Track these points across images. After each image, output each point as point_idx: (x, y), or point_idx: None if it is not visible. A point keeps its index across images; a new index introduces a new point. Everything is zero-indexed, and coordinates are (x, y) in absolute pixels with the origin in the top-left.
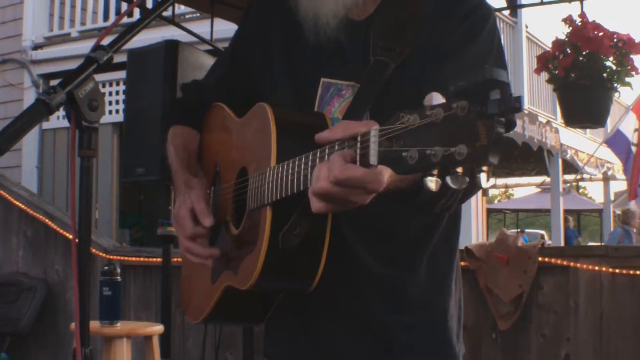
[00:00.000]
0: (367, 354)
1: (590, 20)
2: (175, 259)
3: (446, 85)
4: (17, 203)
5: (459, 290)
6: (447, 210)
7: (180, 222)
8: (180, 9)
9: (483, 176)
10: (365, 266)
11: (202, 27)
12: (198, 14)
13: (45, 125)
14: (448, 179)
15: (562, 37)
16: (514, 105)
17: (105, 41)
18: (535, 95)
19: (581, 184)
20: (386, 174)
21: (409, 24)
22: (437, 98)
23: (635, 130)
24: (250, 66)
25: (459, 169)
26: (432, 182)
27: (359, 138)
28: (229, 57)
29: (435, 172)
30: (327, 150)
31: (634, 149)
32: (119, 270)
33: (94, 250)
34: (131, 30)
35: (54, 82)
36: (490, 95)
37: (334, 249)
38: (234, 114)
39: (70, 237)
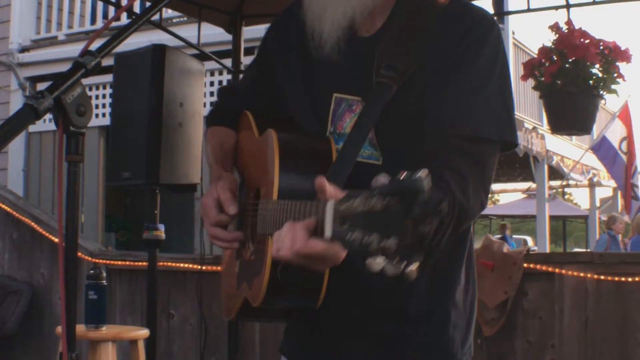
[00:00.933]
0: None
1: (577, 27)
2: (161, 263)
3: (438, 117)
4: (3, 206)
5: (470, 299)
6: (436, 246)
7: (205, 210)
8: (168, 13)
9: (414, 267)
10: (368, 279)
11: (189, 32)
12: (185, 19)
13: (32, 128)
14: (386, 266)
15: (549, 44)
16: (435, 211)
17: (94, 45)
18: (522, 101)
19: (567, 190)
20: (342, 250)
21: (414, 42)
22: (382, 180)
23: (624, 139)
24: (273, 78)
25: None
26: (373, 264)
27: (319, 209)
28: (256, 64)
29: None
30: (308, 207)
31: (624, 157)
32: (104, 274)
33: (79, 254)
34: (119, 35)
35: (41, 85)
36: (417, 197)
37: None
38: (257, 128)
39: (57, 240)
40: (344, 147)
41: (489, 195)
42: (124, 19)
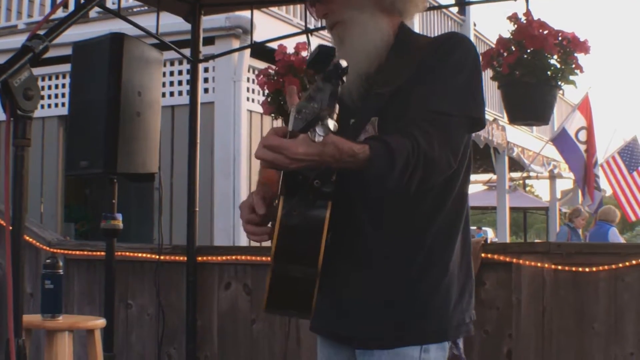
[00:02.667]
0: (373, 318)
1: (536, 18)
2: (119, 253)
3: (419, 98)
4: None
5: (464, 271)
6: (407, 186)
7: (241, 210)
8: (128, 2)
9: (331, 123)
10: (376, 247)
11: (148, 21)
12: (144, 8)
13: None
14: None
15: (508, 35)
16: (336, 65)
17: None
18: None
19: (528, 182)
20: (302, 148)
21: (404, 68)
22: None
23: (581, 128)
24: None
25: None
26: (313, 135)
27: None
28: None
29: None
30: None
31: (581, 147)
32: (61, 263)
33: (37, 244)
34: (68, 19)
35: None
36: (330, 64)
37: (350, 233)
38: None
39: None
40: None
41: None
42: (92, 13)
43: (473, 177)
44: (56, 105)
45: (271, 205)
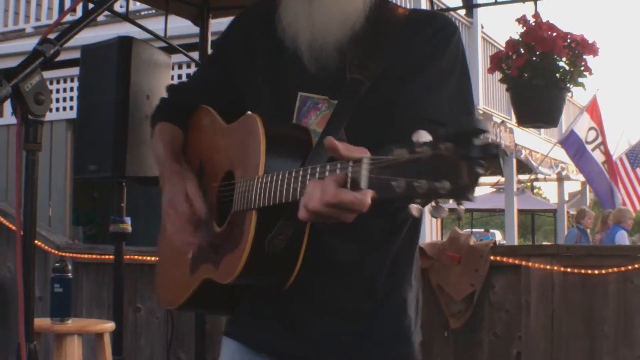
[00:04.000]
0: (336, 337)
1: (544, 20)
2: (128, 257)
3: (408, 104)
4: None
5: (417, 283)
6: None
7: (177, 208)
8: (136, 5)
9: (461, 208)
10: (341, 259)
11: (156, 24)
12: (153, 11)
13: None
14: (431, 209)
15: (516, 37)
16: (493, 152)
17: (55, 35)
18: (490, 95)
19: (535, 184)
20: (369, 198)
21: (382, 44)
22: (424, 136)
23: (590, 128)
24: (233, 75)
25: (440, 201)
26: (414, 209)
27: (351, 163)
28: (213, 63)
29: (418, 200)
30: (317, 169)
31: (588, 147)
32: (70, 267)
33: (46, 247)
34: (79, 23)
35: None
36: (473, 140)
37: (313, 242)
38: (222, 119)
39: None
40: (322, 137)
41: None
42: (101, 17)
43: (481, 179)
44: (64, 108)
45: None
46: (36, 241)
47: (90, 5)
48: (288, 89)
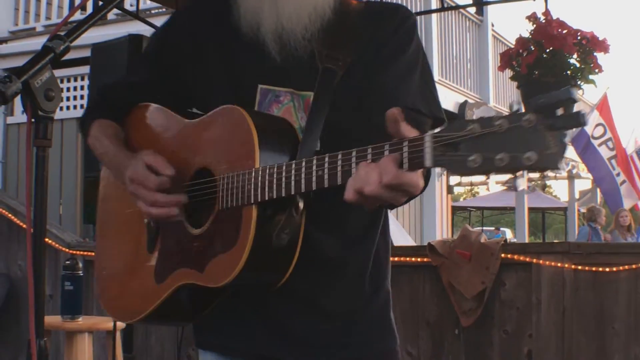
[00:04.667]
0: (323, 337)
1: (555, 18)
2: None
3: (383, 93)
4: None
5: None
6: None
7: (141, 179)
8: (146, 4)
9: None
10: (323, 253)
11: None
12: (163, 9)
13: (10, 120)
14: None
15: (526, 34)
16: (581, 120)
17: (65, 32)
18: (501, 93)
19: (546, 182)
20: (421, 180)
21: (347, 36)
22: (487, 111)
23: (597, 125)
24: (180, 72)
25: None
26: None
27: (406, 142)
28: (154, 60)
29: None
30: (368, 150)
31: (594, 142)
32: (81, 265)
33: (57, 245)
34: (89, 20)
35: None
36: (556, 111)
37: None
38: (180, 115)
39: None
40: (307, 131)
41: (469, 188)
42: (111, 15)
43: (492, 177)
44: (75, 107)
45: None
46: (47, 239)
47: (100, 3)
48: (247, 81)
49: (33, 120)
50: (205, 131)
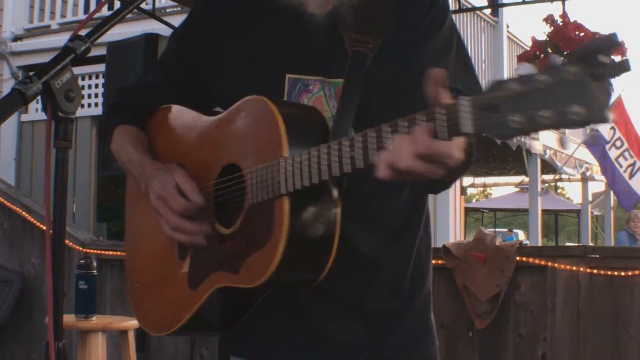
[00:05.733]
0: (362, 340)
1: (572, 20)
2: None
3: (421, 71)
4: None
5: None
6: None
7: (167, 198)
8: (162, 2)
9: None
10: (360, 253)
11: (182, 21)
12: (179, 8)
13: (24, 117)
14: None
15: (543, 37)
16: (626, 66)
17: (85, 32)
18: None
19: (559, 184)
20: (458, 152)
21: (376, 17)
22: (526, 69)
23: (610, 127)
24: (201, 68)
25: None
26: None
27: (440, 110)
28: (174, 58)
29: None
30: (397, 123)
31: (607, 145)
32: (95, 264)
33: (70, 244)
34: (109, 21)
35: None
36: (599, 57)
37: None
38: (202, 113)
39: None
40: (337, 119)
41: (481, 189)
42: (117, 7)
43: (505, 179)
44: (89, 105)
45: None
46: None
47: (116, 2)
48: (273, 70)
49: (53, 120)
50: (229, 125)
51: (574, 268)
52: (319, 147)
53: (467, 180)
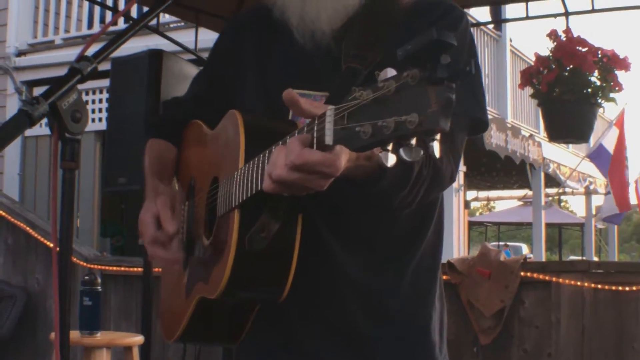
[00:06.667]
0: None
1: (575, 35)
2: (157, 269)
3: None
4: None
5: (442, 304)
6: (407, 205)
7: (143, 227)
8: (165, 18)
9: (436, 145)
10: (345, 275)
11: (186, 37)
12: (183, 24)
13: (28, 132)
14: (401, 151)
15: (546, 51)
16: (462, 67)
17: (90, 49)
18: (519, 108)
19: (563, 197)
20: (343, 158)
21: (383, 33)
22: (390, 72)
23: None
24: (226, 83)
25: (413, 141)
26: (386, 157)
27: (316, 120)
28: (205, 74)
29: (390, 147)
30: (285, 138)
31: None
32: (99, 280)
33: (74, 260)
34: (116, 40)
35: (37, 89)
36: (440, 59)
37: (313, 257)
38: (209, 128)
39: (51, 245)
40: None
41: (485, 203)
42: (121, 24)
43: (508, 192)
44: (93, 120)
45: (178, 213)
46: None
47: (121, 22)
48: (280, 87)
49: (60, 141)
50: (216, 139)
51: (579, 283)
52: (259, 157)
53: (470, 194)
